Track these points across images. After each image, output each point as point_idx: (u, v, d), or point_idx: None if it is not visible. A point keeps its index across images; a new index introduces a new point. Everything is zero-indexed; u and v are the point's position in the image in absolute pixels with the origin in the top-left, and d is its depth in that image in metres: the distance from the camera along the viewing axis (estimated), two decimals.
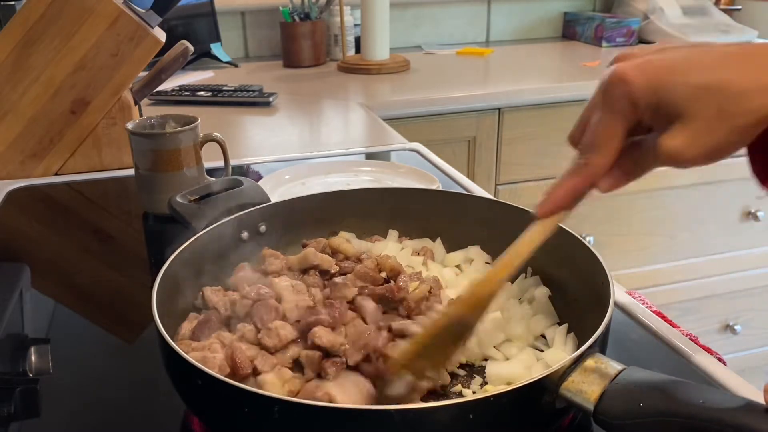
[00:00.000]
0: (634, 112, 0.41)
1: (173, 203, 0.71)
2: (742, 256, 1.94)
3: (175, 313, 0.59)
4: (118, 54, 1.05)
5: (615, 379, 0.43)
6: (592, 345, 0.46)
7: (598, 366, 0.45)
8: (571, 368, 0.45)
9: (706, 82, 0.39)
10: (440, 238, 0.73)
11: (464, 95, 1.62)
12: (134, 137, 0.91)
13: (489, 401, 0.42)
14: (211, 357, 0.51)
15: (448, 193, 0.78)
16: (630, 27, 2.13)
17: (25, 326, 0.71)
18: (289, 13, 1.91)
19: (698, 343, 0.66)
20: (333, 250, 0.68)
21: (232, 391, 0.44)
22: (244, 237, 0.69)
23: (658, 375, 0.43)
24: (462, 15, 2.25)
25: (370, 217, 0.74)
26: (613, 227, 1.80)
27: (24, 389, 0.60)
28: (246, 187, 0.75)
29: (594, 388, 0.43)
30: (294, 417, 0.42)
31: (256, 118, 1.45)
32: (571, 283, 0.61)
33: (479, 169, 1.66)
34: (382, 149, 1.25)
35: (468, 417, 0.42)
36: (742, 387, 0.57)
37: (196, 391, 0.48)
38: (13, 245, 0.92)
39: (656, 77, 0.40)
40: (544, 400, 0.44)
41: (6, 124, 1.05)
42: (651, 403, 0.41)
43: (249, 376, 0.52)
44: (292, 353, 0.53)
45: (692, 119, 0.39)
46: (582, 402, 0.43)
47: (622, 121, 0.42)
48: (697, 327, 1.97)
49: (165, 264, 0.58)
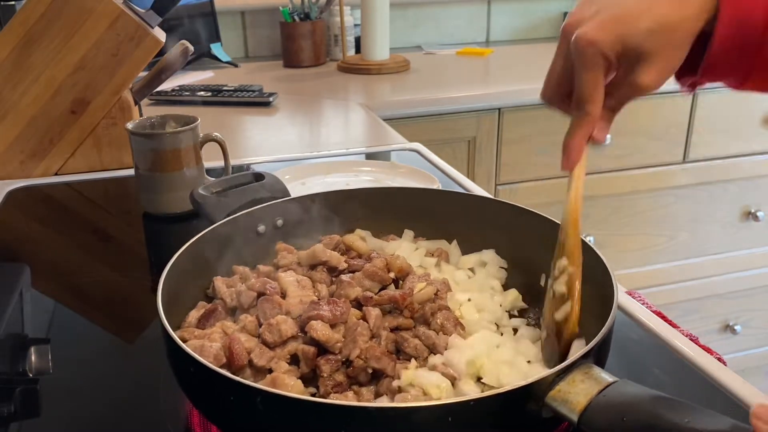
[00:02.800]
0: (607, 62, 0.50)
1: (195, 195, 0.73)
2: (742, 256, 1.95)
3: (188, 301, 0.61)
4: (118, 54, 1.05)
5: (603, 391, 0.43)
6: (585, 356, 0.45)
7: (587, 377, 0.44)
8: (559, 377, 0.44)
9: (651, 25, 0.49)
10: (456, 240, 0.72)
11: (464, 95, 1.62)
12: (134, 137, 0.91)
13: (469, 405, 0.42)
14: (208, 346, 0.53)
15: (470, 195, 0.77)
16: None
17: (25, 326, 0.71)
18: (289, 13, 1.91)
19: (698, 343, 0.66)
20: (346, 247, 0.68)
21: (219, 379, 0.45)
22: (261, 230, 0.70)
23: (649, 391, 0.42)
24: (462, 15, 2.25)
25: (389, 216, 0.73)
26: (613, 227, 1.80)
27: (24, 389, 0.60)
28: (267, 182, 0.76)
29: (580, 399, 0.43)
30: (275, 408, 0.43)
31: (256, 118, 1.45)
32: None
33: (479, 169, 1.66)
34: (382, 149, 1.25)
35: (447, 419, 0.42)
36: (742, 387, 0.57)
37: (189, 378, 0.49)
38: (13, 245, 0.92)
39: (615, 31, 0.49)
40: (530, 408, 0.44)
41: (6, 124, 1.05)
42: (635, 417, 0.40)
43: (245, 367, 0.53)
44: (290, 348, 0.54)
45: (655, 55, 0.49)
46: (567, 412, 0.43)
47: (600, 73, 0.50)
48: (697, 327, 1.97)
49: (177, 252, 0.59)
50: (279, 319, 0.54)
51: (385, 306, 0.59)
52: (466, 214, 0.72)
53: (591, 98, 0.51)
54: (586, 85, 0.51)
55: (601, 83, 0.51)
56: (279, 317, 0.55)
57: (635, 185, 1.78)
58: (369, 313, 0.56)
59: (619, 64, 0.51)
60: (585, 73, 0.51)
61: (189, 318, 0.59)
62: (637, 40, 0.49)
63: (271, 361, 0.53)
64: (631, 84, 0.51)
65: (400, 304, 0.58)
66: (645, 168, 1.76)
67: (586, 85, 0.51)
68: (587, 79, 0.51)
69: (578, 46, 0.50)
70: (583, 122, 0.52)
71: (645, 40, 0.49)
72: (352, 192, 0.74)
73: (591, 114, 0.52)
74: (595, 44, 0.49)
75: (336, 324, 0.55)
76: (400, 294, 0.59)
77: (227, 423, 0.49)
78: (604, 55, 0.49)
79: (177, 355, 0.48)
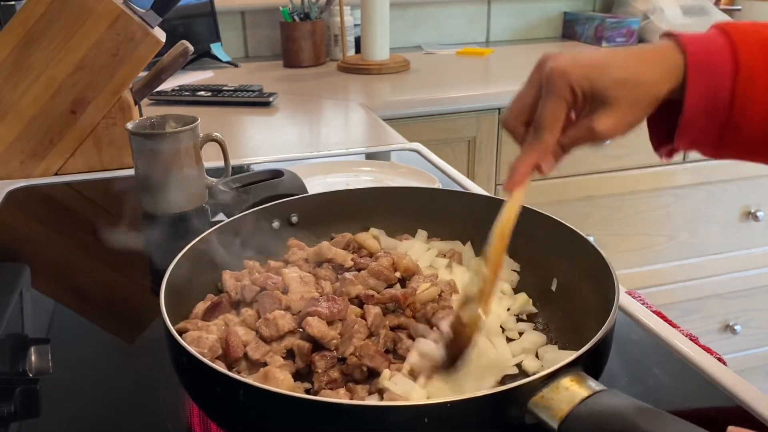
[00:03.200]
0: (573, 97, 0.52)
1: (215, 189, 0.75)
2: (742, 256, 1.94)
3: (200, 293, 0.62)
4: (118, 54, 1.05)
5: (585, 400, 0.42)
6: (574, 362, 0.45)
7: (573, 384, 0.43)
8: (543, 384, 0.43)
9: (622, 76, 0.51)
10: (471, 241, 0.72)
11: (464, 95, 1.62)
12: (134, 137, 0.91)
13: (445, 407, 0.42)
14: (205, 337, 0.54)
15: (488, 198, 0.76)
16: (630, 27, 2.13)
17: (25, 326, 0.71)
18: (289, 13, 1.91)
19: (698, 343, 0.66)
20: (358, 245, 0.68)
21: (206, 370, 0.46)
22: (275, 226, 0.71)
23: (633, 402, 0.41)
24: (462, 15, 2.25)
25: (404, 216, 0.74)
26: (613, 227, 1.80)
27: (24, 389, 0.60)
28: (286, 178, 0.78)
29: (562, 407, 0.42)
30: (257, 400, 0.44)
31: (256, 118, 1.45)
32: (581, 283, 0.61)
33: (479, 169, 1.66)
34: (382, 149, 1.25)
35: (423, 420, 0.42)
36: (742, 387, 0.57)
37: (183, 368, 0.50)
38: (13, 245, 0.92)
39: (587, 72, 0.51)
40: (511, 413, 0.43)
41: (6, 124, 1.05)
42: (612, 428, 0.40)
43: (241, 360, 0.54)
44: (286, 343, 0.55)
45: (616, 105, 0.51)
46: (547, 419, 0.42)
47: (564, 105, 0.52)
48: (697, 327, 1.97)
49: (190, 243, 0.60)
50: (277, 314, 0.55)
51: (388, 305, 0.59)
52: (482, 216, 0.70)
53: (549, 127, 0.53)
54: (548, 112, 0.53)
55: (562, 115, 0.53)
56: (277, 312, 0.55)
57: (635, 185, 1.78)
58: (369, 310, 0.57)
59: (583, 105, 0.53)
60: (550, 101, 0.52)
61: (196, 309, 0.60)
62: (604, 84, 0.51)
63: (266, 355, 0.54)
64: (588, 127, 0.53)
65: (402, 304, 0.58)
66: (645, 168, 1.76)
67: (548, 112, 0.53)
68: (551, 107, 0.52)
69: (551, 74, 0.52)
70: (536, 149, 0.54)
71: (611, 87, 0.51)
72: (368, 191, 0.75)
73: (545, 142, 0.53)
74: (566, 76, 0.51)
75: (333, 321, 0.55)
76: (402, 293, 0.59)
77: (216, 414, 0.50)
78: (572, 88, 0.51)
79: (171, 345, 0.49)
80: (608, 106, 0.52)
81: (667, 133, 0.56)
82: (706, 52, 0.51)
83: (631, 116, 0.52)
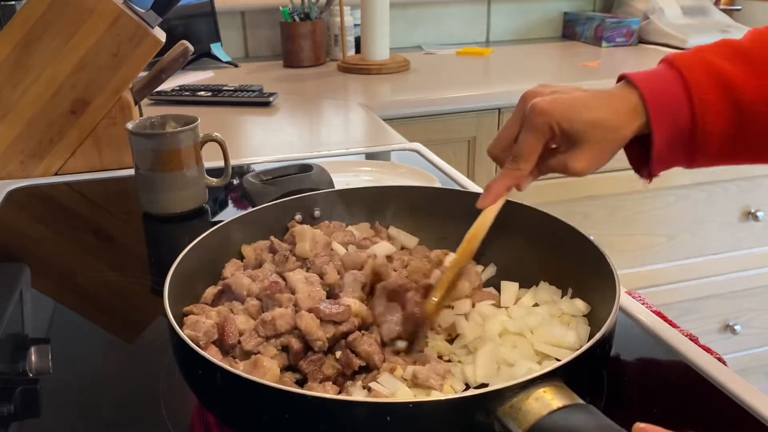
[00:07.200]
0: (551, 133, 0.58)
1: (244, 181, 0.80)
2: (742, 256, 1.94)
3: (213, 281, 0.64)
4: (118, 54, 1.05)
5: (553, 413, 0.41)
6: (552, 373, 0.44)
7: (545, 395, 0.42)
8: (513, 392, 0.42)
9: (594, 119, 0.57)
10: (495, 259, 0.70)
11: (464, 95, 1.62)
12: (134, 137, 0.91)
13: (408, 407, 0.41)
14: (202, 321, 0.55)
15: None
16: (630, 27, 2.14)
17: (25, 326, 0.71)
18: (289, 13, 1.91)
19: (698, 343, 0.66)
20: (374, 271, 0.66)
21: (189, 352, 0.47)
22: (298, 219, 0.72)
23: (599, 421, 0.41)
24: (462, 15, 2.25)
25: (423, 215, 0.73)
26: (613, 227, 1.80)
27: (24, 389, 0.60)
28: (314, 172, 0.81)
29: (529, 418, 0.41)
30: (231, 385, 0.45)
31: (256, 118, 1.45)
32: (586, 280, 0.61)
33: (479, 169, 1.66)
34: (382, 149, 1.25)
35: (385, 419, 0.42)
36: (742, 387, 0.57)
37: (176, 349, 0.51)
38: (13, 245, 0.92)
39: (565, 112, 0.57)
40: (477, 419, 0.43)
41: (6, 124, 1.05)
42: None
43: (235, 347, 0.55)
44: (282, 340, 0.55)
45: (588, 146, 0.57)
46: (512, 429, 0.42)
47: (541, 139, 0.58)
48: (697, 327, 1.97)
49: (206, 232, 0.62)
50: (275, 313, 0.55)
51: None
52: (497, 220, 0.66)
53: (527, 157, 0.59)
54: (527, 144, 0.59)
55: (539, 148, 0.59)
56: (278, 311, 0.55)
57: (635, 185, 1.78)
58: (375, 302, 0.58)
59: (561, 140, 0.58)
60: (529, 136, 0.58)
61: (206, 294, 0.62)
62: (579, 126, 0.57)
63: (259, 346, 0.54)
64: (563, 163, 0.59)
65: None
66: None
67: (527, 144, 0.59)
68: (529, 141, 0.58)
69: (533, 111, 0.58)
70: (512, 175, 0.60)
71: (585, 130, 0.57)
72: (386, 189, 0.75)
73: (522, 170, 0.60)
74: (546, 114, 0.57)
75: (329, 322, 0.55)
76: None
77: (202, 396, 0.51)
78: (550, 126, 0.57)
79: (170, 328, 0.50)
80: (583, 146, 0.57)
81: (643, 158, 0.60)
82: (663, 90, 0.56)
83: (602, 156, 0.58)
